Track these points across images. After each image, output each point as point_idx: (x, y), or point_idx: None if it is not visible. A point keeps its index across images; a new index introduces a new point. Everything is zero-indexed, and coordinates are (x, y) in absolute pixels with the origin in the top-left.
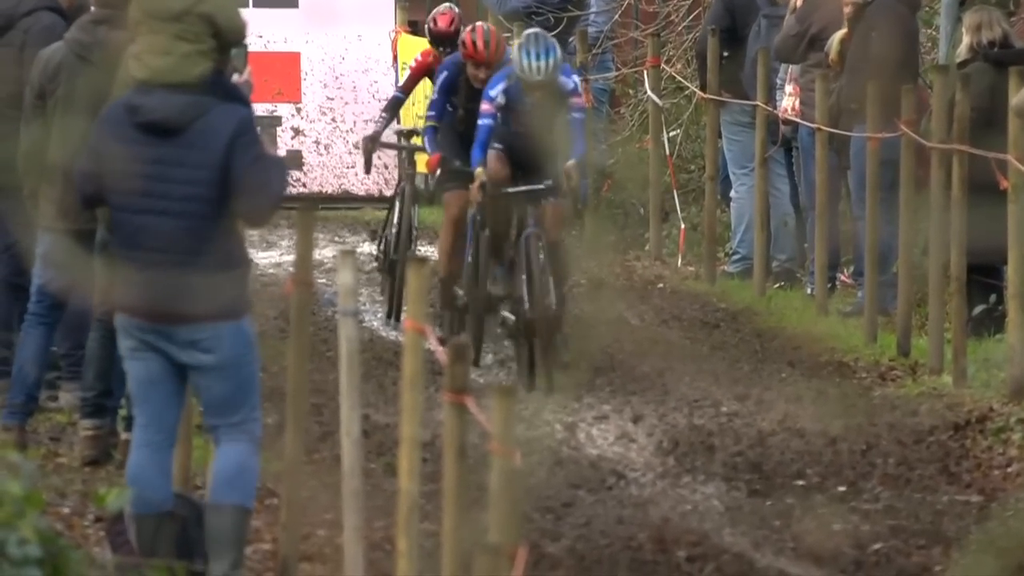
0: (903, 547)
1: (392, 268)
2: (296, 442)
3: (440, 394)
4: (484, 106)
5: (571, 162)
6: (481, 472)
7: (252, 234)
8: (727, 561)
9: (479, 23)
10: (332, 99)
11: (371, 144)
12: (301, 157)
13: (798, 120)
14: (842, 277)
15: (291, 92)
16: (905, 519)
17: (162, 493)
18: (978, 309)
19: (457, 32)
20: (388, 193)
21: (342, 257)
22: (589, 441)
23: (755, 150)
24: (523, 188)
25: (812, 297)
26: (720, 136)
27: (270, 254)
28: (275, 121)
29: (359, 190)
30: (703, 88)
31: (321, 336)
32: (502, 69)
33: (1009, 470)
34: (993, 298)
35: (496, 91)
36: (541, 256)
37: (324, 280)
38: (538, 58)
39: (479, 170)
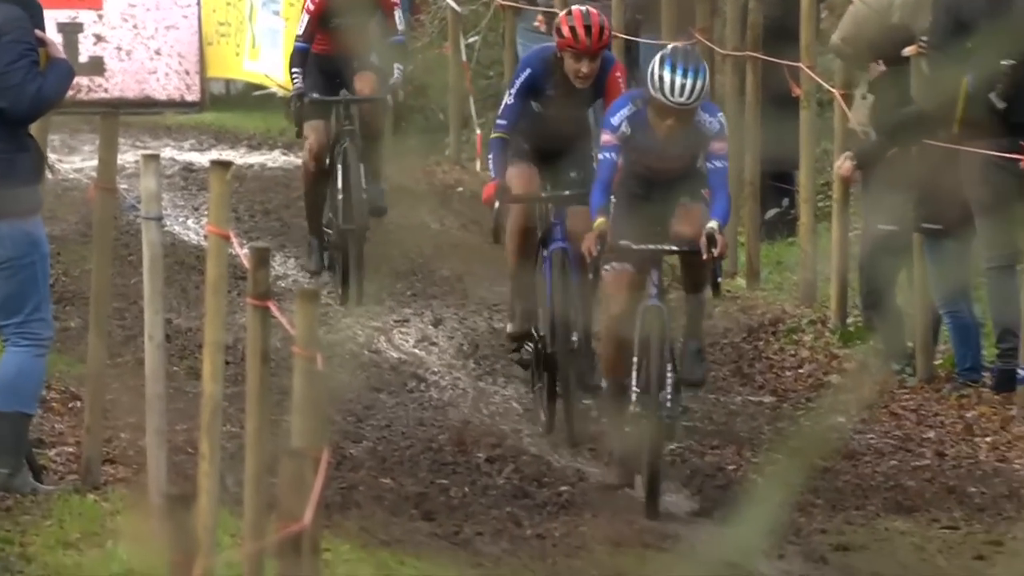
0: (697, 447)
1: (343, 240)
2: (99, 346)
3: (243, 298)
4: (605, 136)
5: (713, 224)
6: (284, 375)
7: (53, 138)
8: (526, 462)
9: (575, 6)
10: (134, 6)
11: (300, 103)
12: (103, 63)
13: None
14: None
15: None
16: (699, 420)
17: None
18: (771, 213)
19: None
20: (189, 99)
21: (145, 162)
22: (390, 344)
23: None
24: (656, 247)
25: None
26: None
27: (72, 159)
28: (76, 28)
29: (160, 95)
30: None
31: (123, 241)
32: (627, 92)
33: (800, 371)
34: (786, 202)
35: (618, 118)
36: (661, 340)
37: (126, 185)
38: (684, 75)
39: (600, 220)
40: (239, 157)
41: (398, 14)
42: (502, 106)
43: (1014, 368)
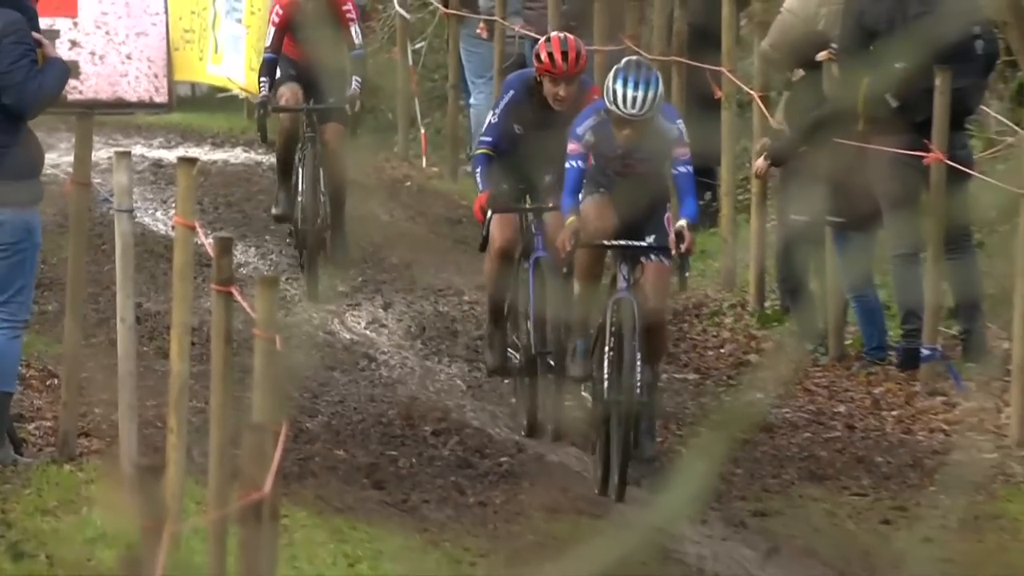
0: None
1: (304, 240)
2: (74, 328)
3: (207, 284)
4: (571, 146)
5: (682, 222)
6: (246, 355)
7: None
8: (469, 435)
9: (554, 32)
10: (107, 14)
11: (264, 111)
12: (78, 67)
13: (530, 33)
14: None
15: (67, 7)
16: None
17: None
18: None
19: None
20: (158, 100)
21: (118, 159)
22: (343, 326)
23: (493, 61)
24: (627, 243)
25: None
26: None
27: (50, 156)
28: (53, 34)
29: (131, 97)
30: (445, 4)
31: (97, 231)
32: (592, 104)
33: (722, 351)
34: (708, 195)
35: (584, 128)
36: (632, 329)
37: (99, 180)
38: (636, 87)
39: (572, 219)
40: (204, 154)
41: (355, 28)
42: (486, 124)
43: (917, 347)
